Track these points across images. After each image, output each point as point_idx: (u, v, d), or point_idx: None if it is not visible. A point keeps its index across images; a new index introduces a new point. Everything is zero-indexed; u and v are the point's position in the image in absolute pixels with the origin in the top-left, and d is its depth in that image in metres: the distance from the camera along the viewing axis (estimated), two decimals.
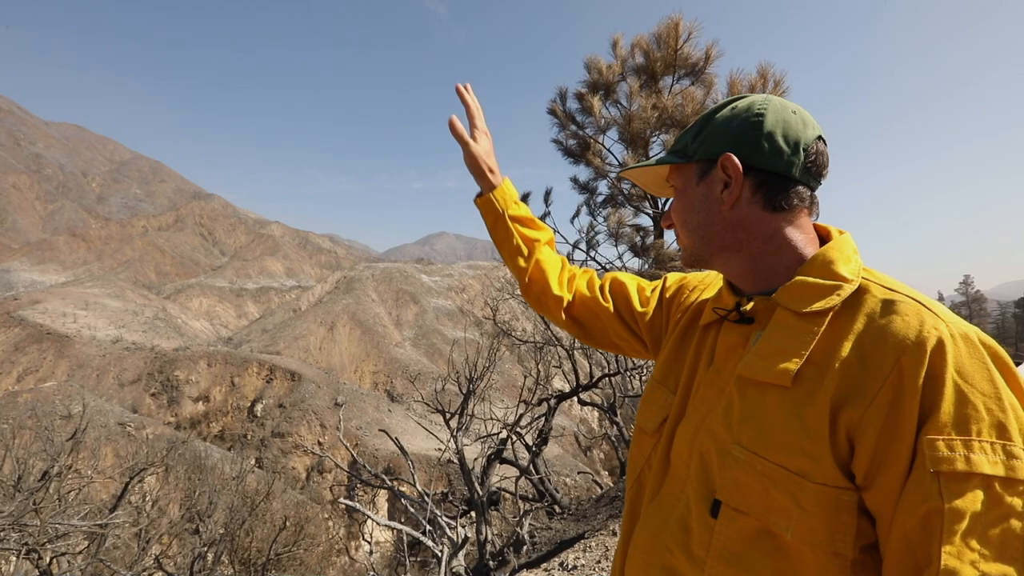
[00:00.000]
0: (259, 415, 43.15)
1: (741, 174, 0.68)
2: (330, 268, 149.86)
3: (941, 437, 0.52)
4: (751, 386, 0.65)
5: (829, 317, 0.62)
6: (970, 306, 51.80)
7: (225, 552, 8.02)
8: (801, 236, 0.70)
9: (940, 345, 0.55)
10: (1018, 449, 0.51)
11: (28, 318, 56.19)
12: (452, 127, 0.99)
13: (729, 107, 0.72)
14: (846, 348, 0.59)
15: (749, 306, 0.70)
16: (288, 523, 8.86)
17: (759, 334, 0.68)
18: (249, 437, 40.69)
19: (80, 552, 6.36)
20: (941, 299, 55.99)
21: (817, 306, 0.63)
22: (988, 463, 0.51)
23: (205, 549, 7.74)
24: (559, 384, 11.92)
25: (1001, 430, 0.52)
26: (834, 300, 0.62)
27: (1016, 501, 0.51)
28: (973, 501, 0.50)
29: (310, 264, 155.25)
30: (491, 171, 1.02)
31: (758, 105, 0.70)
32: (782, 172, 0.68)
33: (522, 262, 1.03)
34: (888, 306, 0.60)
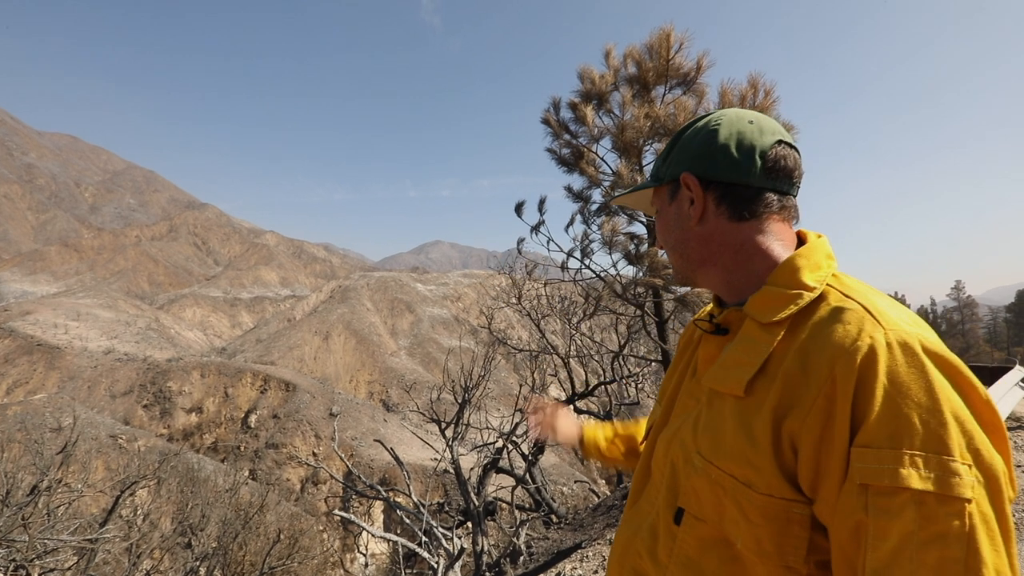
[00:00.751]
0: (253, 426, 42.68)
1: (700, 189, 0.70)
2: (325, 277, 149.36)
3: (871, 449, 0.50)
4: (716, 397, 0.66)
5: (786, 326, 0.62)
6: (962, 311, 52.22)
7: (218, 566, 7.89)
8: (775, 243, 0.69)
9: (871, 352, 0.53)
10: (958, 464, 0.48)
11: (18, 329, 55.52)
12: (533, 430, 1.27)
13: (692, 128, 0.75)
14: (791, 357, 0.58)
15: (720, 317, 0.72)
16: (282, 536, 8.75)
17: (728, 346, 0.69)
18: (243, 448, 40.20)
19: (69, 568, 6.23)
20: (933, 305, 56.34)
21: (778, 316, 0.62)
22: (918, 478, 0.48)
23: (197, 564, 7.62)
24: (555, 392, 11.90)
25: (937, 443, 0.49)
26: (791, 309, 0.62)
27: (956, 522, 0.47)
28: (901, 518, 0.48)
29: (305, 273, 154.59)
30: (577, 436, 1.19)
31: (713, 121, 0.72)
32: (740, 181, 0.68)
33: (624, 458, 1.15)
34: (835, 314, 0.59)
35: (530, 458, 6.81)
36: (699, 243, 0.73)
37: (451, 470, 5.77)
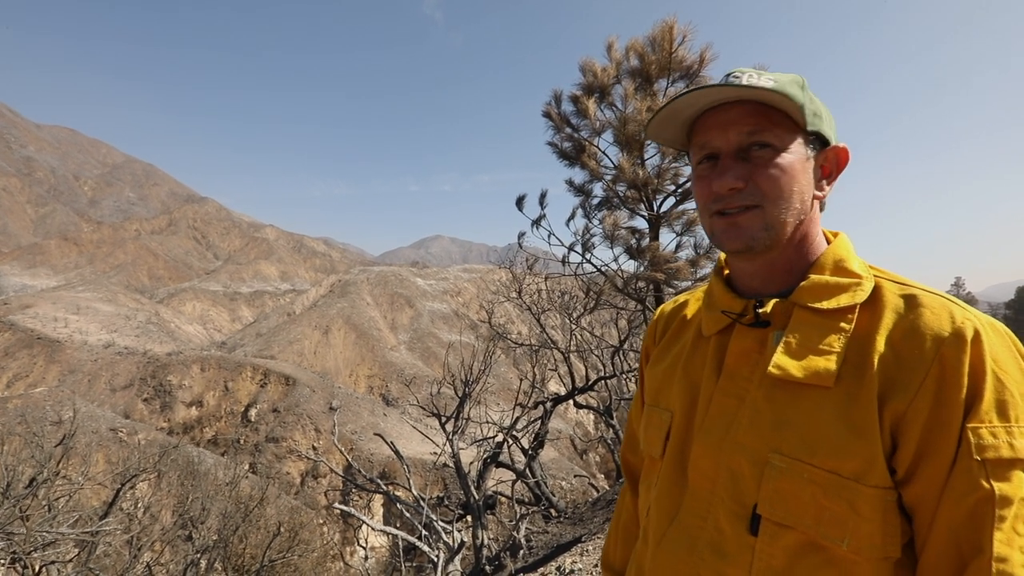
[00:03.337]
0: (253, 420, 42.79)
1: (844, 169, 0.69)
2: (325, 272, 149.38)
3: (984, 425, 0.52)
4: (780, 388, 0.61)
5: (855, 313, 0.62)
6: None
7: (218, 559, 7.91)
8: (819, 236, 0.70)
9: (977, 335, 0.55)
10: None
11: (18, 323, 55.54)
12: None
13: (807, 89, 0.65)
14: (880, 344, 0.58)
15: (769, 307, 0.66)
16: (282, 529, 8.77)
17: (778, 335, 0.64)
18: (243, 442, 40.33)
19: (70, 560, 6.25)
20: None
21: (841, 303, 0.62)
22: None
23: (198, 556, 7.64)
24: (555, 387, 11.91)
25: None
26: (860, 296, 0.62)
27: None
28: (1019, 486, 0.51)
29: (305, 268, 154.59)
30: None
31: (815, 98, 0.67)
32: (840, 172, 0.69)
33: None
34: (912, 300, 0.60)
35: (530, 452, 6.82)
36: (806, 218, 0.67)
37: (451, 464, 5.77)
